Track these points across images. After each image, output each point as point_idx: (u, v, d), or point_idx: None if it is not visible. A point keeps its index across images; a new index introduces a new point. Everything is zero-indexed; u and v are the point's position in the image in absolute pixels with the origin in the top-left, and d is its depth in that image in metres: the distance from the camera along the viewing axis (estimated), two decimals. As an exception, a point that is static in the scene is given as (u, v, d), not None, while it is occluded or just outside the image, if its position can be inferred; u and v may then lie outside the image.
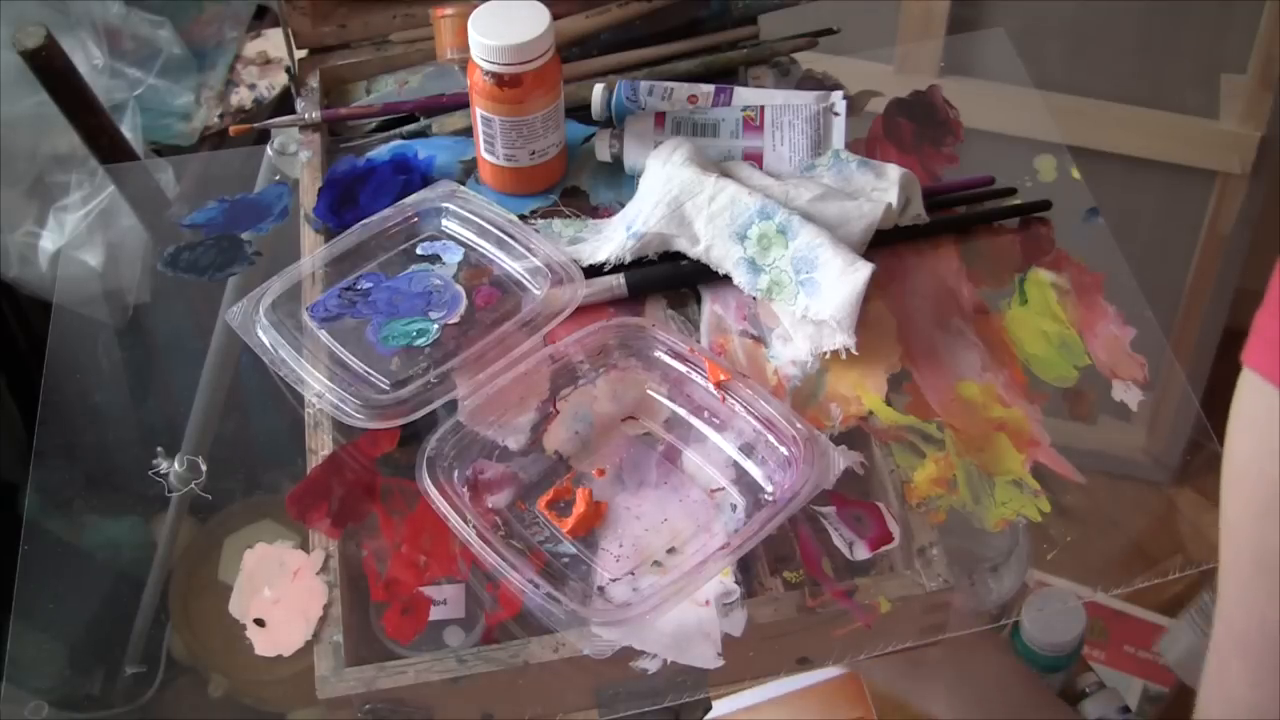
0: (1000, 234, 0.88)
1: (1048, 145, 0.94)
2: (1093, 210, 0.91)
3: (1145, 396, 0.81)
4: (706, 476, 0.74)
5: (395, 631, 0.71)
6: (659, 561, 0.71)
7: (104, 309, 1.05)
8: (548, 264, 0.81)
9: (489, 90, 0.82)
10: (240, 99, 1.42)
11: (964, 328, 0.83)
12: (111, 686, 0.80)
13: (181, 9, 1.39)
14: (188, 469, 0.79)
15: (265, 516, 0.85)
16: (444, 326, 0.80)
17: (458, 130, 0.93)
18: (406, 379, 0.76)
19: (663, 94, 0.91)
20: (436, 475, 0.70)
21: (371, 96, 0.98)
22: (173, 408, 0.90)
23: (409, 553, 0.73)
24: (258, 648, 0.71)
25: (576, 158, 0.91)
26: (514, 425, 0.76)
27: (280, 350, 0.76)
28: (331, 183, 0.89)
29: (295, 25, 0.96)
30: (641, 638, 0.68)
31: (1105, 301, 0.85)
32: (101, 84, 1.27)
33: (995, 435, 0.77)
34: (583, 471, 0.75)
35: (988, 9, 1.41)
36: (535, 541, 0.72)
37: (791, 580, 0.72)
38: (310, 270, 0.82)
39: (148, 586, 0.85)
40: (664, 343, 0.78)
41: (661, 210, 0.81)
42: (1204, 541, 0.79)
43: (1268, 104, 1.37)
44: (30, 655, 0.76)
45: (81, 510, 0.85)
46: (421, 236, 0.85)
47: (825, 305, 0.77)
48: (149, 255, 0.95)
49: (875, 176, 0.85)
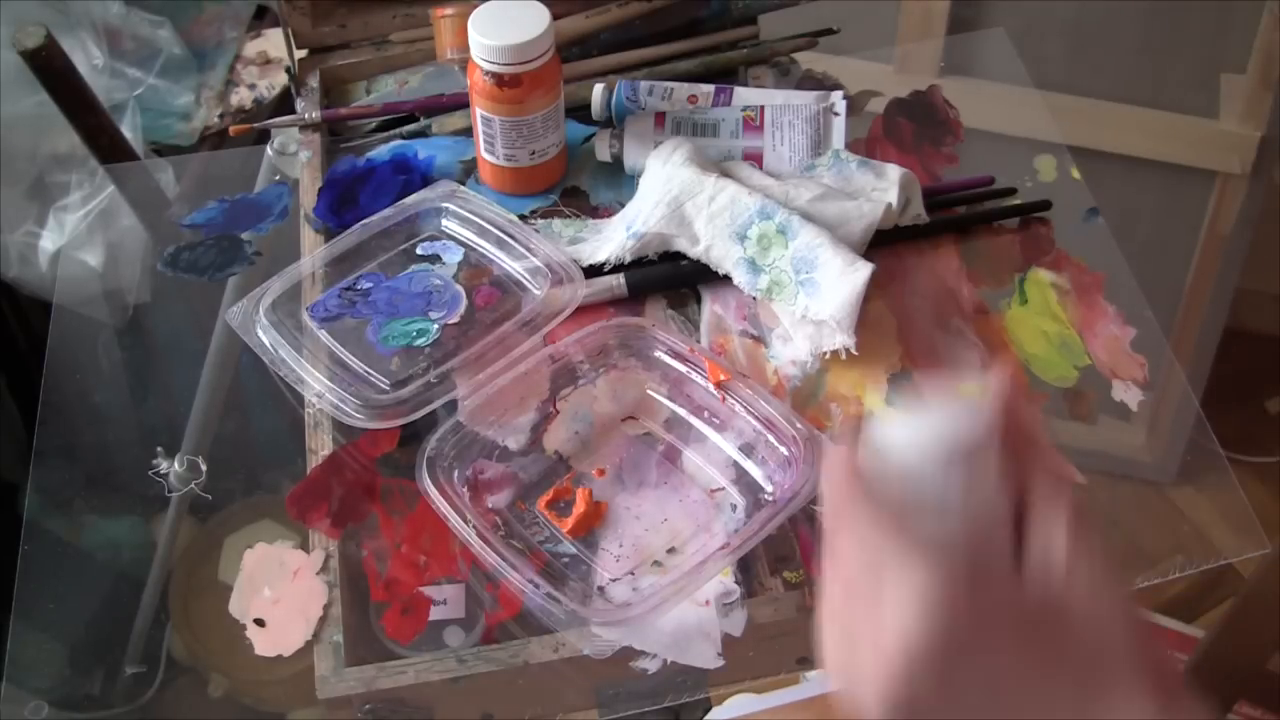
0: (1000, 234, 0.88)
1: (1048, 145, 0.94)
2: (1093, 210, 0.91)
3: (1145, 396, 0.81)
4: (706, 476, 0.74)
5: (395, 631, 0.71)
6: (659, 561, 0.71)
7: (104, 309, 1.04)
8: (548, 264, 0.81)
9: (489, 90, 0.82)
10: (240, 99, 1.42)
11: (964, 328, 0.83)
12: (111, 686, 0.80)
13: (181, 9, 1.39)
14: (188, 469, 0.79)
15: (265, 516, 0.85)
16: (444, 326, 0.80)
17: (458, 130, 0.93)
18: (406, 379, 0.76)
19: (663, 94, 0.91)
20: (436, 475, 0.70)
21: (371, 96, 0.98)
22: (173, 408, 0.90)
23: (409, 553, 0.73)
24: (258, 648, 0.71)
25: (576, 158, 0.91)
26: (514, 425, 0.76)
27: (280, 350, 0.76)
28: (331, 183, 0.89)
29: (295, 25, 0.96)
30: (641, 638, 0.68)
31: (1105, 301, 0.85)
32: (101, 84, 1.27)
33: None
34: (583, 471, 0.75)
35: (988, 9, 1.42)
36: (535, 541, 0.72)
37: (791, 580, 0.72)
38: (310, 270, 0.82)
39: (148, 586, 0.85)
40: (664, 343, 0.78)
41: (661, 210, 0.81)
42: (1204, 541, 0.79)
43: (1268, 104, 1.37)
44: (30, 655, 0.76)
45: (81, 510, 0.85)
46: (421, 236, 0.85)
47: (825, 305, 0.77)
48: (149, 255, 0.95)
49: (875, 176, 0.85)
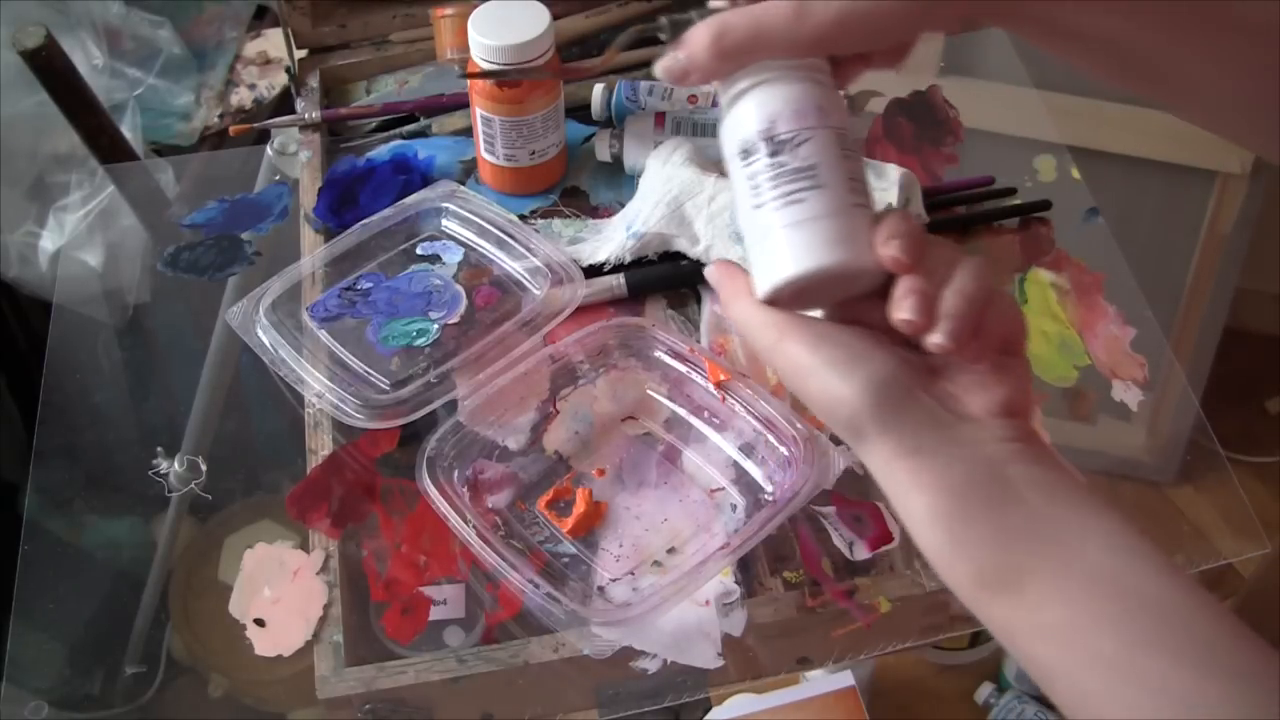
0: (1000, 234, 0.88)
1: (1048, 145, 0.94)
2: (1093, 210, 0.91)
3: (1145, 396, 0.81)
4: (706, 476, 0.74)
5: (395, 631, 0.71)
6: (659, 561, 0.71)
7: (104, 309, 1.04)
8: (548, 264, 0.81)
9: (489, 90, 0.82)
10: (240, 99, 1.42)
11: (964, 328, 0.83)
12: (111, 686, 0.80)
13: (181, 9, 1.39)
14: (188, 469, 0.79)
15: (265, 516, 0.85)
16: (444, 326, 0.80)
17: (458, 130, 0.93)
18: (406, 379, 0.76)
19: (663, 94, 0.91)
20: (436, 475, 0.70)
21: (371, 96, 0.98)
22: (173, 408, 0.90)
23: (409, 553, 0.73)
24: (258, 648, 0.71)
25: (576, 158, 0.91)
26: (514, 425, 0.76)
27: (280, 350, 0.76)
28: (331, 183, 0.89)
29: (295, 25, 0.96)
30: (641, 638, 0.68)
31: (1105, 301, 0.85)
32: (101, 84, 1.27)
33: (995, 435, 0.77)
34: (583, 471, 0.75)
35: (988, 9, 1.41)
36: (535, 541, 0.72)
37: (791, 580, 0.72)
38: (310, 270, 0.82)
39: (148, 586, 0.85)
40: (664, 343, 0.78)
41: (661, 210, 0.81)
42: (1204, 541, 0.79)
43: (1268, 104, 1.37)
44: (30, 655, 0.76)
45: (81, 510, 0.85)
46: (421, 236, 0.85)
47: (825, 305, 0.77)
48: (149, 255, 0.95)
49: (875, 176, 0.85)
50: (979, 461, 0.49)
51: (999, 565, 0.47)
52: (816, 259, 0.50)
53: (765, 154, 0.51)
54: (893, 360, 0.50)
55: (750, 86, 0.52)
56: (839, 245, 0.50)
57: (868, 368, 0.50)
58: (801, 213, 0.51)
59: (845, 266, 0.50)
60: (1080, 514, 0.48)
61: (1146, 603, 0.45)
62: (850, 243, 0.50)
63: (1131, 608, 0.45)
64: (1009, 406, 0.50)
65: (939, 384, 0.51)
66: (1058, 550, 0.47)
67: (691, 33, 0.51)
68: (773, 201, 0.51)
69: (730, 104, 0.53)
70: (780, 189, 0.51)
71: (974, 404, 0.50)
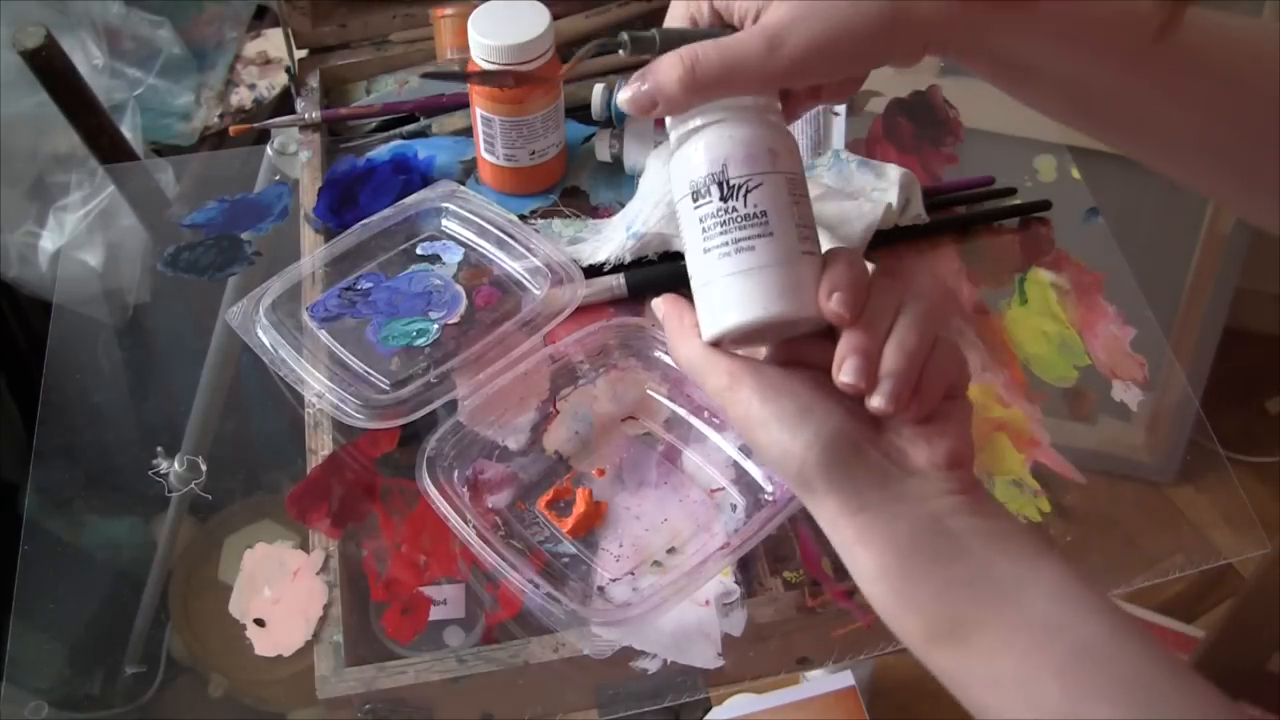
0: (1000, 234, 0.89)
1: (1048, 145, 0.94)
2: (1093, 210, 0.91)
3: (1145, 396, 0.81)
4: (706, 476, 0.74)
5: (395, 631, 0.71)
6: (659, 561, 0.71)
7: (104, 309, 1.04)
8: (548, 264, 0.81)
9: (489, 90, 0.82)
10: (240, 99, 1.42)
11: (964, 328, 0.83)
12: (111, 686, 0.80)
13: (181, 9, 1.39)
14: (188, 469, 0.79)
15: (265, 516, 0.85)
16: (444, 326, 0.80)
17: (458, 130, 0.93)
18: (406, 379, 0.76)
19: (663, 94, 0.91)
20: (436, 475, 0.70)
21: (371, 96, 0.98)
22: (173, 408, 0.90)
23: (409, 553, 0.73)
24: (258, 648, 0.71)
25: (576, 158, 0.91)
26: (514, 425, 0.76)
27: (280, 350, 0.76)
28: (331, 183, 0.89)
29: (295, 25, 0.96)
30: (641, 638, 0.68)
31: (1105, 301, 0.85)
32: (101, 84, 1.27)
33: (995, 435, 0.77)
34: (583, 471, 0.75)
35: (988, 9, 1.41)
36: (535, 541, 0.72)
37: (791, 580, 0.72)
38: (310, 270, 0.82)
39: (148, 586, 0.85)
40: (664, 343, 0.78)
41: (661, 210, 0.81)
42: (1204, 541, 0.79)
43: (1267, 104, 1.36)
44: (30, 655, 0.76)
45: (81, 510, 0.85)
46: (421, 236, 0.85)
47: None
48: (149, 255, 0.95)
49: (875, 176, 0.85)
50: (924, 518, 0.50)
51: (946, 618, 0.48)
52: (762, 309, 0.51)
53: (716, 198, 0.51)
54: (839, 413, 0.51)
55: (703, 125, 0.52)
56: (783, 297, 0.51)
57: (815, 424, 0.50)
58: (749, 261, 0.51)
59: (789, 317, 0.51)
60: (1023, 563, 0.49)
61: (1090, 650, 0.46)
62: (794, 294, 0.51)
63: (1076, 656, 0.46)
64: (952, 458, 0.51)
65: (885, 436, 0.52)
66: (1002, 603, 0.48)
67: (659, 63, 0.50)
68: (720, 247, 0.51)
69: (680, 141, 0.53)
70: (729, 234, 0.51)
71: (918, 457, 0.51)
